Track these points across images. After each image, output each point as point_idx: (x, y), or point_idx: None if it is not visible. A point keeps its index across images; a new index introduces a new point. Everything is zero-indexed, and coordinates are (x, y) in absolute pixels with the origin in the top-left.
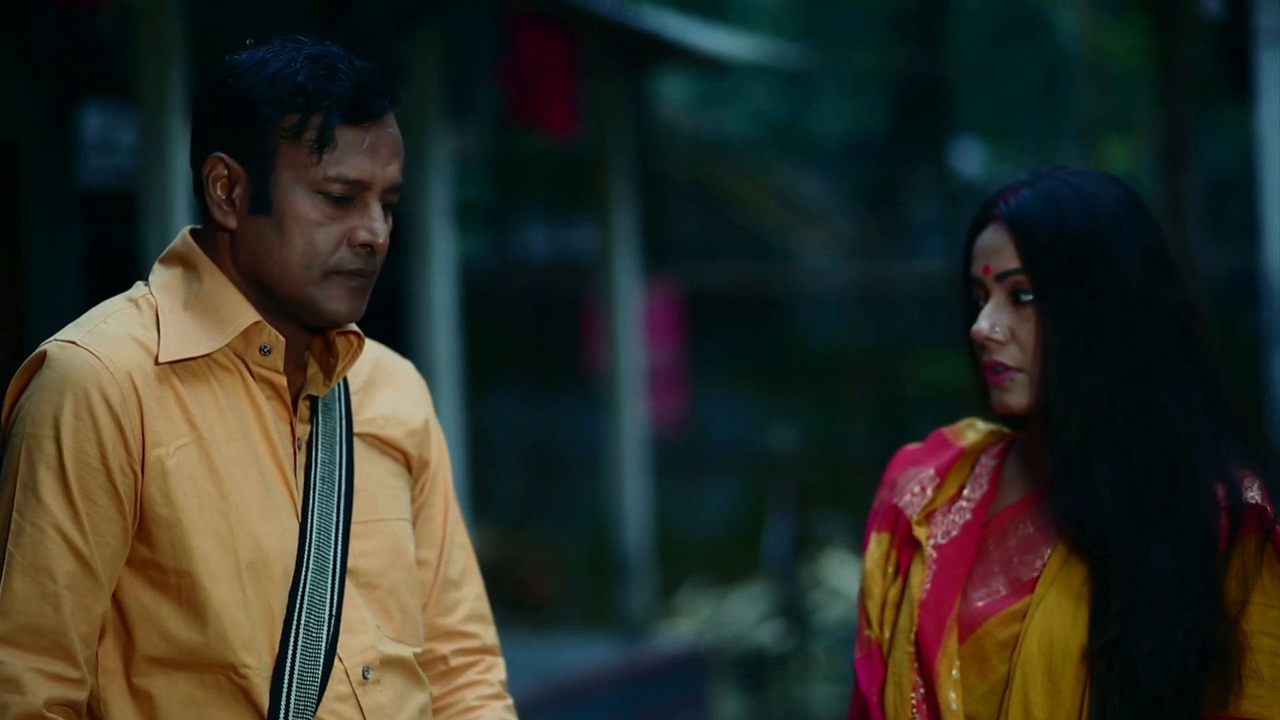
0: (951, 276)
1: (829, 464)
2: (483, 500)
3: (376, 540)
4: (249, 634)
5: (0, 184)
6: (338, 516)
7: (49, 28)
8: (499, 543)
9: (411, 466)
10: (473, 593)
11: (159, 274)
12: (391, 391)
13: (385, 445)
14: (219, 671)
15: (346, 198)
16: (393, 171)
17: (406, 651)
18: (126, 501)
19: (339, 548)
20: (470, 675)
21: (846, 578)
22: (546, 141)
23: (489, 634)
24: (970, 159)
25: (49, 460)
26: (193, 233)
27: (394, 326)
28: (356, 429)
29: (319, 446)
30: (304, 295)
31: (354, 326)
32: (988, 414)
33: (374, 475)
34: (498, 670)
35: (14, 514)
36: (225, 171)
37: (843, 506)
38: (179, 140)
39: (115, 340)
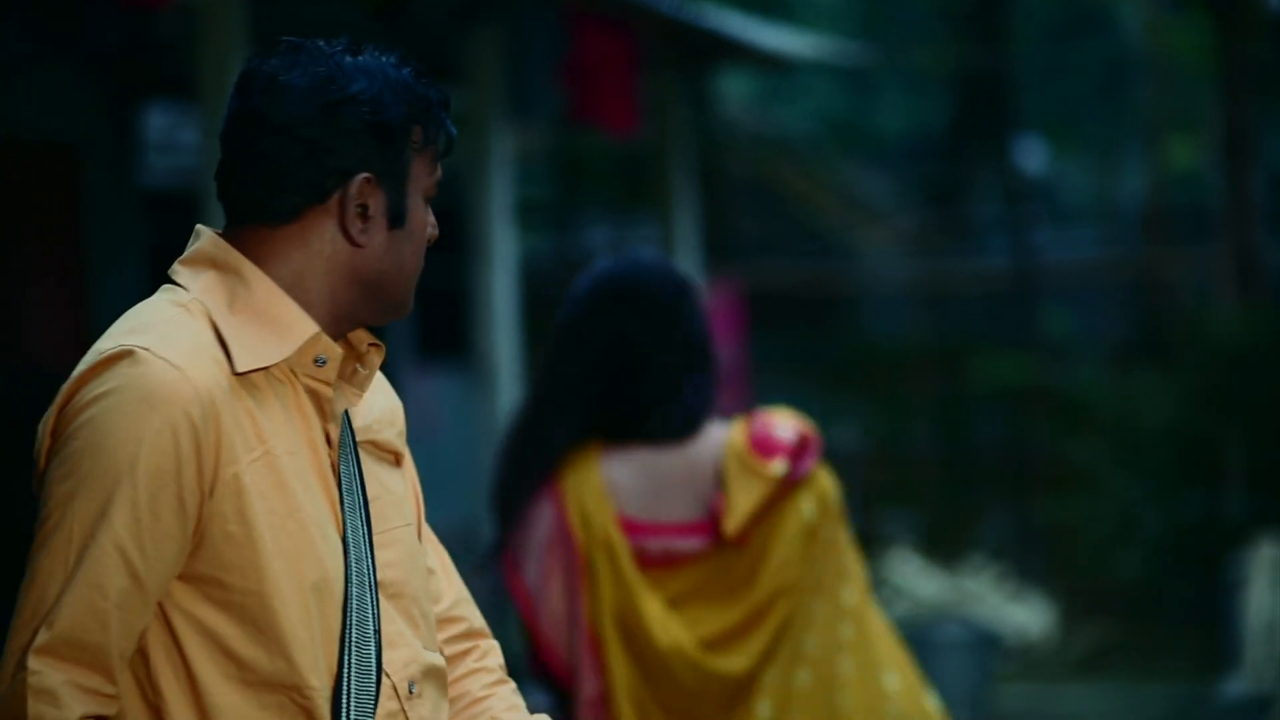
0: (1014, 274)
1: (891, 462)
2: None
3: (396, 550)
4: (314, 655)
5: (62, 184)
6: (364, 529)
7: (110, 28)
8: None
9: (401, 465)
10: (453, 576)
11: (192, 278)
12: (372, 392)
13: (381, 450)
14: (282, 692)
15: None
16: None
17: (440, 660)
18: (190, 520)
19: (370, 561)
20: (469, 664)
21: (910, 576)
22: (607, 140)
23: (476, 615)
24: (1032, 156)
25: (120, 476)
26: (225, 237)
27: (456, 325)
28: (358, 437)
29: (340, 459)
30: (408, 299)
31: (375, 335)
32: (1047, 411)
33: (382, 482)
34: (495, 654)
35: (74, 522)
36: (368, 190)
37: (906, 505)
38: None
39: (192, 351)
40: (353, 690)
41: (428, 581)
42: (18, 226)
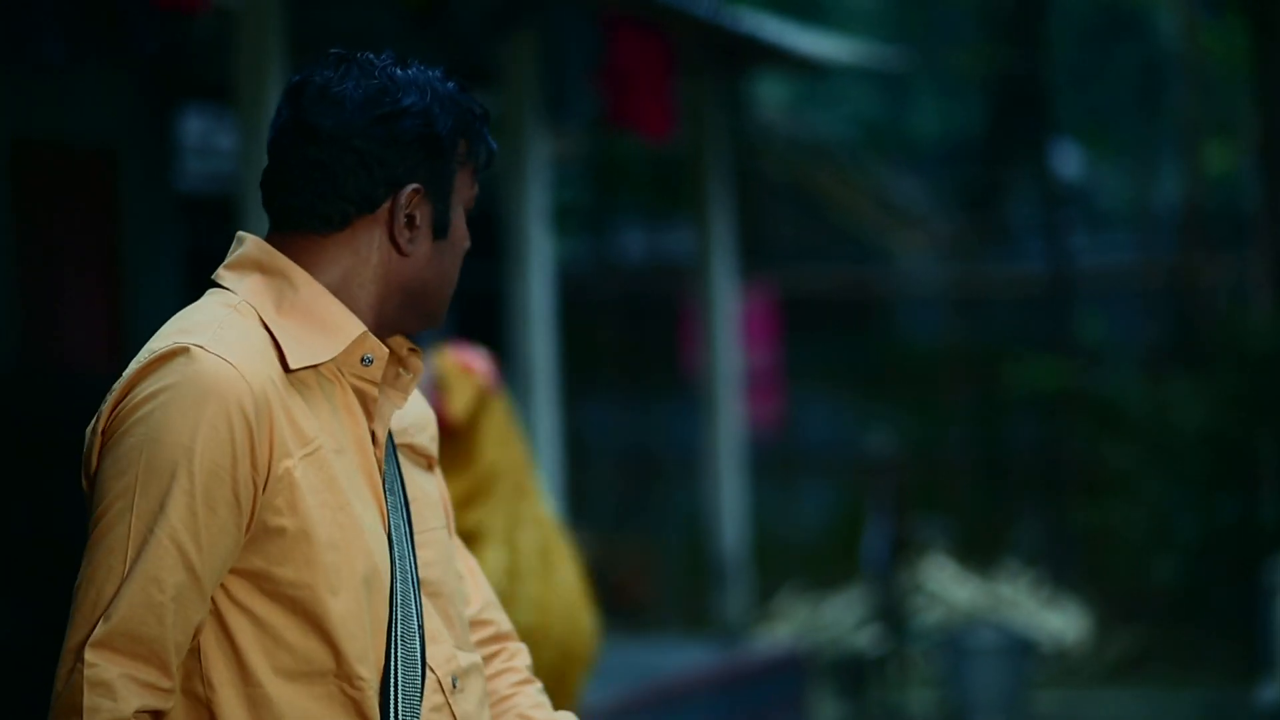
0: (1049, 278)
1: (927, 467)
2: (580, 503)
3: (433, 550)
4: (364, 646)
5: (99, 188)
6: (406, 527)
7: (147, 31)
8: (596, 546)
9: (432, 470)
10: (480, 580)
11: (239, 281)
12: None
13: (416, 453)
14: (333, 683)
15: None
16: None
17: (477, 658)
18: (244, 514)
19: (413, 559)
20: (497, 664)
21: (945, 581)
22: (643, 144)
23: (504, 619)
24: (1068, 161)
25: (176, 469)
26: (271, 243)
27: (491, 329)
28: (395, 439)
29: (384, 459)
30: (444, 308)
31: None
32: (1082, 416)
33: (419, 485)
34: (522, 655)
35: (131, 517)
36: (417, 201)
37: (940, 510)
38: None
39: (244, 348)
40: (400, 682)
41: (459, 584)
42: (55, 230)
